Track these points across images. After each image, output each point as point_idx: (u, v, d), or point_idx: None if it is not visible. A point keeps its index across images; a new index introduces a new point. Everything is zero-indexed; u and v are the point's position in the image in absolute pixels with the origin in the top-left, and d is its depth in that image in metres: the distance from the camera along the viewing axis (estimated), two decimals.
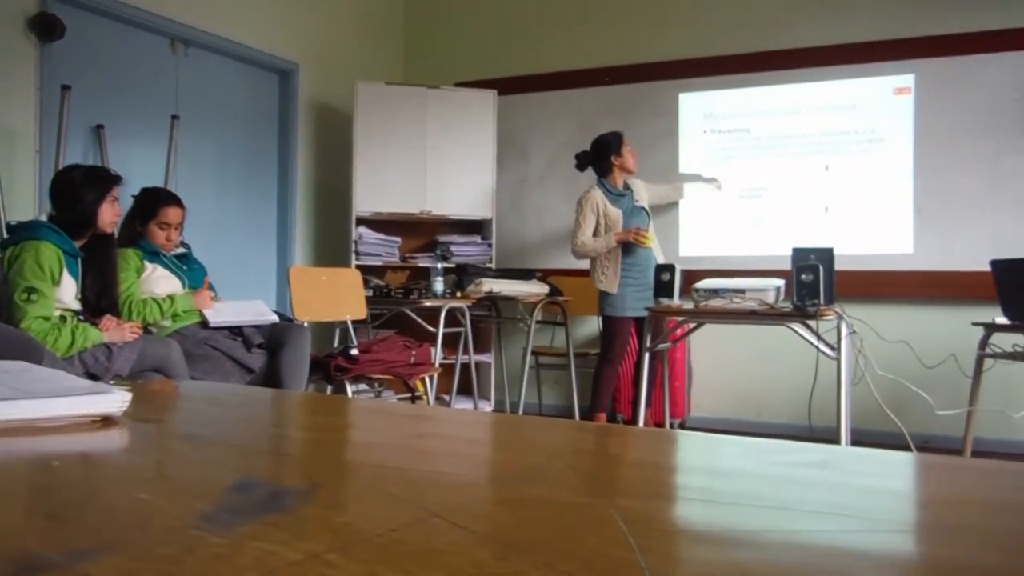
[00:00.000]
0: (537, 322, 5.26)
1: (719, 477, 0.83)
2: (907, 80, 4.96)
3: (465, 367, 5.30)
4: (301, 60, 5.33)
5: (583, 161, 4.77)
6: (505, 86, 5.75)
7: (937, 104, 4.88)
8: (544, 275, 5.34)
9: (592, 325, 5.67)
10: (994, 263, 3.61)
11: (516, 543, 0.55)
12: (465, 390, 5.44)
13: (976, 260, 4.23)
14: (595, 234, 4.58)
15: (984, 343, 3.68)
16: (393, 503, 0.65)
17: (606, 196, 4.59)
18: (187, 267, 3.77)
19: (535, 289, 5.22)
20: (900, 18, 4.94)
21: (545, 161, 5.82)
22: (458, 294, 5.08)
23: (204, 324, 3.62)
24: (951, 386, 3.87)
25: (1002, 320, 3.58)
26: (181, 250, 3.82)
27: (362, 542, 0.55)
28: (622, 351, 4.57)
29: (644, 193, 4.76)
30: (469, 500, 0.68)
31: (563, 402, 5.64)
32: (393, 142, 5.41)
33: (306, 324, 3.91)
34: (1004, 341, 3.64)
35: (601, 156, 4.65)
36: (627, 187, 4.69)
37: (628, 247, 4.50)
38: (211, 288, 3.80)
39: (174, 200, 3.71)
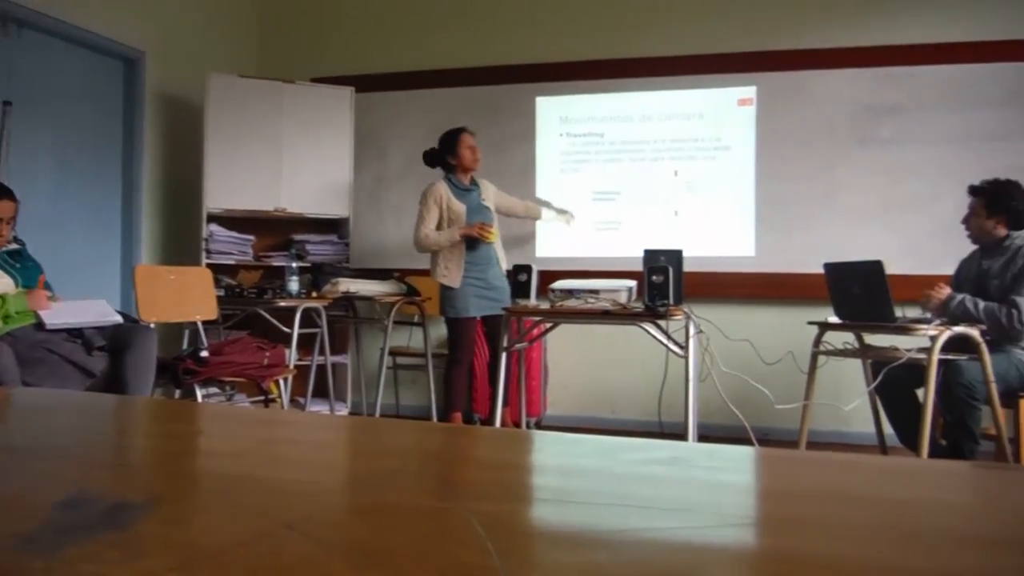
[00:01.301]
0: (394, 322, 5.21)
1: (574, 477, 0.84)
2: (750, 92, 5.21)
3: (321, 369, 5.19)
4: (148, 48, 5.07)
5: (429, 159, 4.71)
6: (363, 83, 5.67)
7: (777, 116, 5.15)
8: (402, 275, 5.30)
9: None
10: (827, 266, 3.85)
11: (371, 552, 0.53)
12: (321, 392, 5.33)
13: (811, 263, 4.49)
14: (439, 228, 4.52)
15: (818, 341, 3.90)
16: (241, 515, 0.62)
17: (451, 190, 4.54)
18: (20, 265, 3.53)
19: (392, 289, 5.17)
20: (744, 32, 5.19)
21: (403, 160, 5.78)
22: (314, 294, 4.97)
23: (40, 326, 3.39)
24: (789, 382, 4.09)
25: (834, 319, 3.82)
26: (13, 246, 3.57)
27: (205, 559, 0.52)
28: (469, 352, 4.55)
29: (492, 196, 4.72)
30: (322, 509, 0.66)
31: (421, 403, 5.61)
32: (246, 137, 5.23)
33: (152, 325, 3.72)
34: (836, 339, 3.88)
35: (442, 152, 4.63)
36: (475, 183, 4.65)
37: (472, 243, 4.45)
38: (47, 287, 3.57)
39: (5, 192, 3.46)
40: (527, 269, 4.30)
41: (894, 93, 4.95)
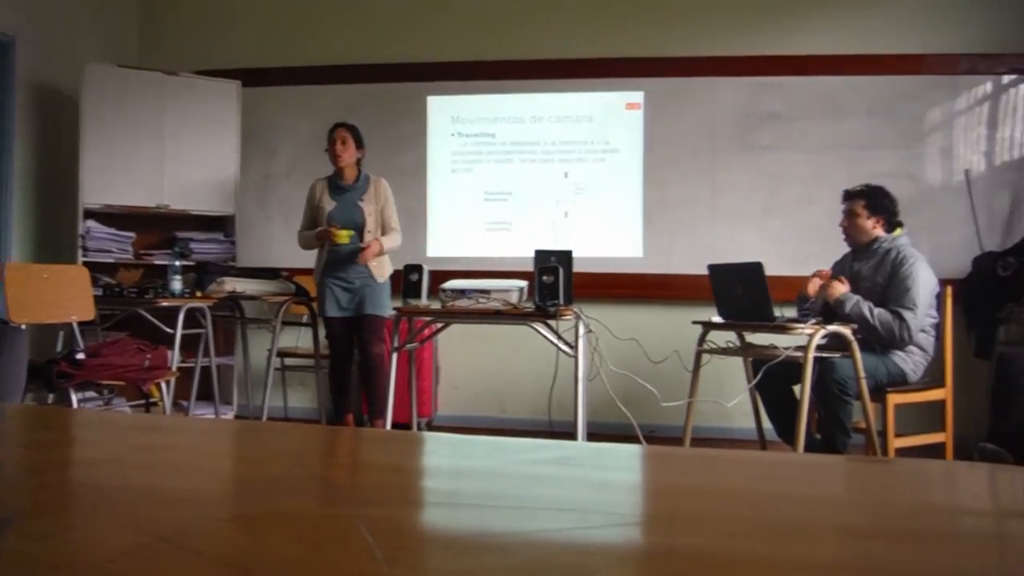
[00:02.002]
0: (283, 323, 5.09)
1: (465, 479, 0.84)
2: (637, 96, 5.33)
3: (206, 371, 5.02)
4: (18, 33, 4.80)
5: None
6: (251, 77, 5.51)
7: (663, 120, 5.28)
8: (290, 274, 5.19)
9: None
10: (710, 267, 3.97)
11: (254, 564, 0.52)
12: (205, 395, 5.16)
13: (696, 264, 4.62)
14: (314, 226, 4.44)
15: (702, 340, 4.02)
16: (112, 529, 0.58)
17: (328, 187, 4.48)
18: None
19: (281, 289, 5.05)
20: (633, 38, 5.30)
21: (292, 157, 5.65)
22: (198, 293, 4.81)
23: None
24: (674, 380, 4.19)
25: (717, 319, 3.94)
26: None
27: None
28: (336, 351, 4.45)
29: (380, 199, 4.50)
30: (202, 520, 0.63)
31: (310, 405, 5.50)
32: (126, 130, 5.02)
33: (23, 327, 3.52)
34: (719, 338, 4.01)
35: None
36: (361, 182, 4.48)
37: (334, 243, 4.32)
38: None
39: None
40: (418, 269, 4.27)
41: (773, 102, 5.15)
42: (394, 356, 4.18)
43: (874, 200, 3.89)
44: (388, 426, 4.24)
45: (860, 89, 5.05)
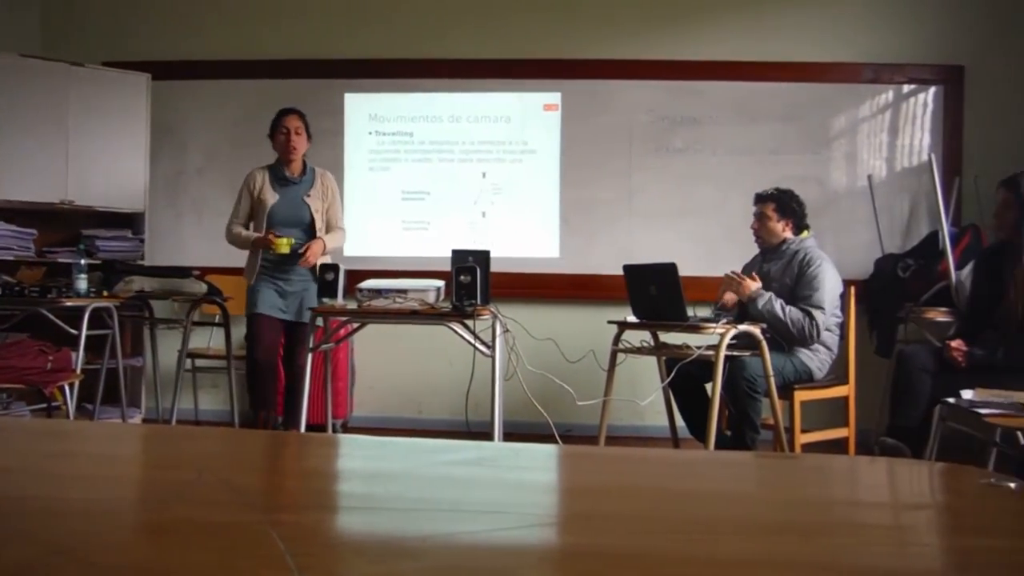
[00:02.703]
0: (194, 323, 4.95)
1: (381, 482, 0.83)
2: (555, 98, 5.37)
3: (112, 373, 4.84)
4: None
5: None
6: (161, 70, 5.34)
7: (580, 122, 5.33)
8: (202, 274, 5.04)
9: None
10: (626, 268, 4.02)
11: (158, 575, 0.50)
12: (112, 398, 4.98)
13: (612, 265, 4.67)
14: (251, 219, 4.24)
15: (617, 339, 4.07)
16: (4, 543, 0.56)
17: (270, 179, 4.23)
18: None
19: (192, 288, 4.91)
20: (550, 40, 5.33)
21: (205, 153, 5.50)
22: (104, 293, 4.64)
23: None
24: (590, 379, 4.22)
25: (632, 319, 4.00)
26: None
27: None
28: (262, 350, 4.24)
29: (327, 196, 4.33)
30: (103, 529, 0.61)
31: (222, 407, 5.37)
32: (27, 122, 4.80)
33: None
34: (634, 337, 4.07)
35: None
36: (307, 175, 4.28)
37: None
38: None
39: None
40: (334, 268, 4.20)
41: (688, 106, 5.25)
42: (309, 357, 4.10)
43: (783, 203, 4.03)
44: (303, 429, 4.17)
45: (771, 95, 5.20)
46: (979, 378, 3.20)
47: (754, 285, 3.90)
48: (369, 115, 5.46)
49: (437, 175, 5.42)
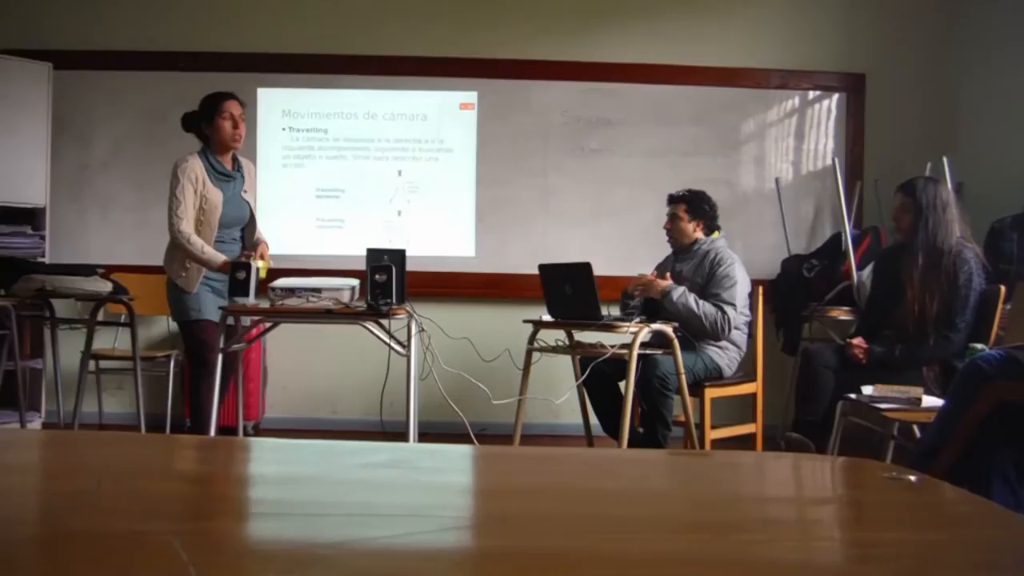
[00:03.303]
0: (98, 323, 4.77)
1: (293, 486, 0.81)
2: (471, 97, 5.36)
3: (10, 375, 4.63)
4: None
5: (186, 121, 3.90)
6: (64, 60, 5.12)
7: (496, 121, 5.34)
8: (107, 271, 4.86)
9: (162, 325, 5.30)
10: (541, 267, 4.04)
11: None
12: (10, 402, 4.76)
13: (527, 264, 4.69)
14: (198, 218, 3.79)
15: (532, 338, 4.09)
16: None
17: (208, 171, 3.80)
18: None
19: (96, 287, 4.72)
20: (466, 39, 5.32)
21: (110, 147, 5.31)
22: (2, 292, 4.43)
23: None
24: (506, 378, 4.24)
25: (547, 318, 4.02)
26: None
27: None
28: (214, 357, 4.04)
29: (253, 190, 4.06)
30: None
31: (128, 410, 5.19)
32: None
33: None
34: (549, 336, 4.09)
35: (199, 117, 3.83)
36: (238, 168, 3.95)
37: (219, 246, 3.84)
38: None
39: None
40: (246, 267, 4.10)
41: (603, 107, 5.31)
42: (219, 358, 3.99)
43: (694, 205, 4.12)
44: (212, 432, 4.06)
45: (684, 98, 5.30)
46: (878, 375, 3.33)
47: (665, 283, 3.98)
48: (283, 111, 5.36)
49: (352, 173, 5.36)
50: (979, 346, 3.05)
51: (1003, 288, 3.45)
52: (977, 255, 3.56)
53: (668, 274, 4.09)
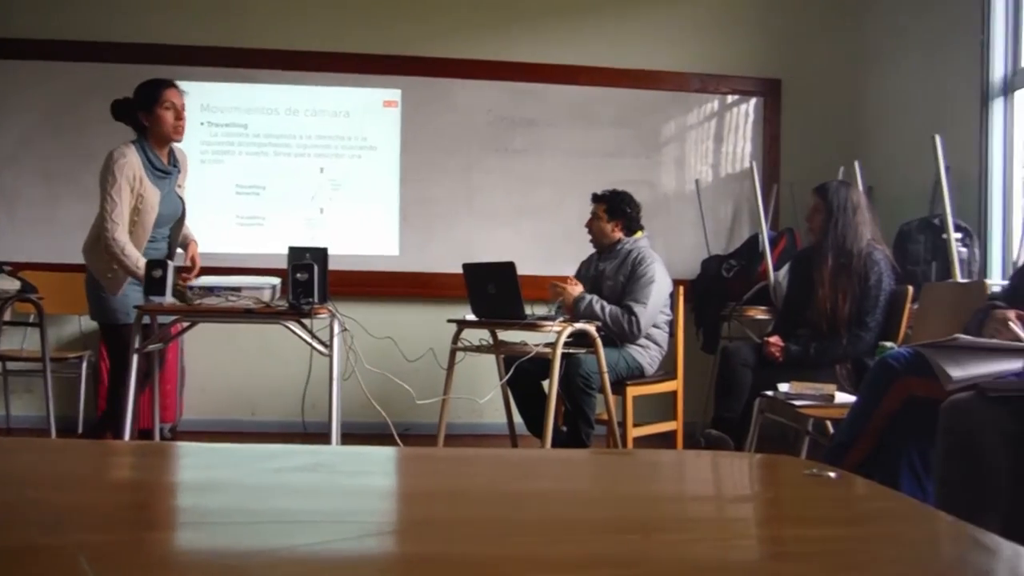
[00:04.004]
0: (5, 323, 4.58)
1: (210, 493, 0.78)
2: (395, 94, 5.32)
3: None
4: None
5: (117, 109, 3.61)
6: None
7: (420, 119, 5.31)
8: (14, 269, 4.67)
9: (73, 325, 5.12)
10: (465, 266, 4.04)
11: None
12: None
13: (451, 263, 4.68)
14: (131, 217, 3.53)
15: (456, 337, 4.08)
16: None
17: (144, 166, 3.54)
18: None
19: (3, 285, 4.54)
20: (390, 36, 5.28)
21: (17, 140, 5.09)
22: None
23: None
24: (429, 377, 4.22)
25: (471, 317, 4.02)
26: None
27: None
28: (133, 358, 3.88)
29: (185, 183, 3.85)
30: None
31: (37, 414, 4.99)
32: None
33: None
34: (473, 335, 4.09)
35: (135, 106, 3.54)
36: (175, 163, 3.73)
37: (149, 246, 3.70)
38: None
39: None
40: (162, 265, 3.99)
41: (527, 107, 5.33)
42: (134, 360, 3.87)
43: (614, 205, 4.18)
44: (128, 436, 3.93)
45: (608, 100, 5.36)
46: (794, 372, 3.42)
47: (575, 291, 4.02)
48: (200, 105, 5.22)
49: (273, 169, 5.26)
50: (889, 344, 3.15)
51: (911, 288, 3.58)
52: (887, 257, 3.69)
53: (574, 280, 4.13)
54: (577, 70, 5.33)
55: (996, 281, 3.77)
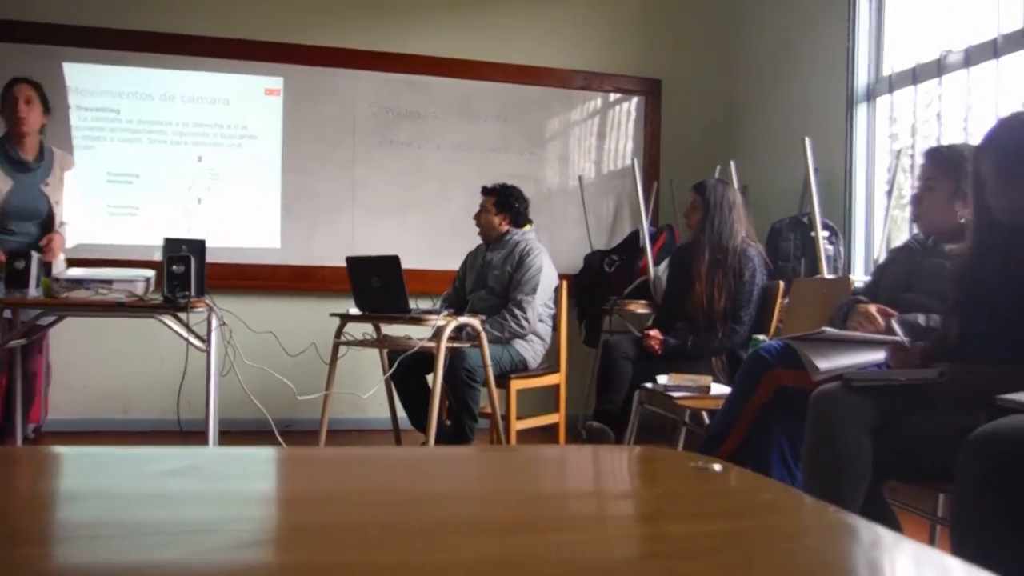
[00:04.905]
0: None
1: (73, 503, 0.74)
2: (277, 82, 5.18)
3: None
4: None
5: None
6: None
7: (303, 109, 5.20)
8: None
9: None
10: (348, 259, 3.98)
11: None
12: None
13: (334, 256, 4.61)
14: None
15: (340, 332, 4.02)
16: None
17: (3, 160, 3.69)
18: None
19: None
20: (273, 22, 5.14)
21: None
22: None
23: None
24: (312, 373, 4.15)
25: (354, 311, 3.97)
26: None
27: None
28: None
29: (64, 179, 3.87)
30: None
31: None
32: None
33: None
34: (356, 330, 4.04)
35: None
36: (44, 156, 3.83)
37: (7, 238, 3.69)
38: None
39: None
40: (24, 256, 3.78)
41: (412, 99, 5.30)
42: None
43: (502, 199, 4.22)
44: None
45: (492, 94, 5.38)
46: (672, 365, 3.52)
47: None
48: (70, 88, 4.96)
49: (148, 157, 5.05)
50: (761, 337, 3.28)
51: (782, 284, 3.74)
52: (760, 253, 3.84)
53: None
54: (463, 64, 5.32)
55: (860, 277, 3.98)
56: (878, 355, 2.26)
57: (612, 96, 5.59)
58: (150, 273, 3.70)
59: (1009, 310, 1.89)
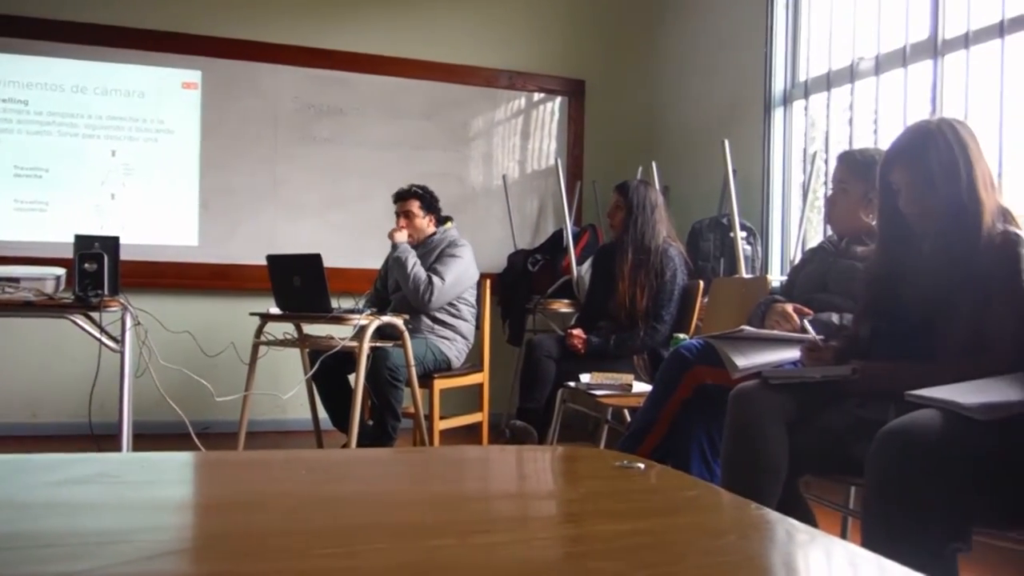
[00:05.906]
0: None
1: None
2: (195, 76, 5.05)
3: None
4: None
5: None
6: None
7: (222, 104, 5.07)
8: None
9: None
10: (269, 258, 3.90)
11: None
12: None
13: (254, 254, 4.52)
14: None
15: (260, 331, 3.94)
16: None
17: None
18: None
19: None
20: (189, 14, 5.01)
21: None
22: None
23: None
24: (231, 373, 4.06)
25: (275, 310, 3.89)
26: None
27: None
28: None
29: None
30: None
31: None
32: None
33: None
34: (277, 329, 3.97)
35: None
36: None
37: None
38: None
39: None
40: None
41: (335, 95, 5.22)
42: None
43: (427, 200, 4.23)
44: None
45: (417, 92, 5.34)
46: (595, 363, 3.56)
47: (400, 236, 4.10)
48: None
49: (57, 151, 4.87)
50: (682, 336, 3.33)
51: (702, 283, 3.81)
52: (681, 253, 3.90)
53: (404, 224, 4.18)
54: (387, 60, 5.28)
55: (776, 276, 4.09)
56: (795, 353, 2.32)
57: (536, 96, 5.62)
58: (60, 271, 3.58)
59: (916, 311, 1.96)
